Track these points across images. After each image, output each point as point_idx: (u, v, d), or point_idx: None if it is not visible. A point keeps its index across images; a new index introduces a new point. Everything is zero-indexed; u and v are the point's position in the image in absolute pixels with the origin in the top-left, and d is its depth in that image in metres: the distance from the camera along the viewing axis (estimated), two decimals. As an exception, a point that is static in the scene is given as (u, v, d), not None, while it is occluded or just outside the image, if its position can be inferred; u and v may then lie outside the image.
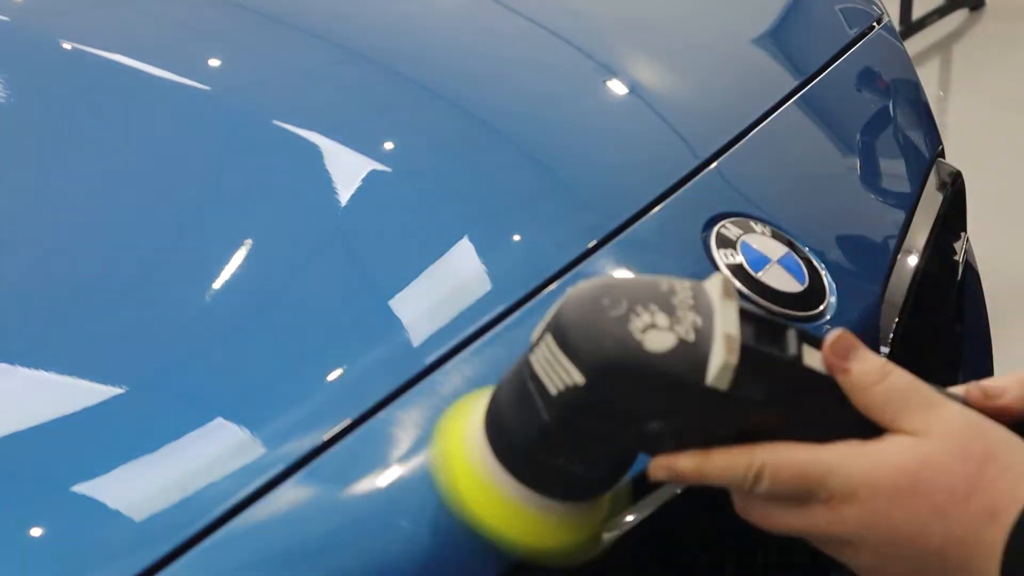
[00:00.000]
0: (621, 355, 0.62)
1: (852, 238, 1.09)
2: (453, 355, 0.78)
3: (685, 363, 0.62)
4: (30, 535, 0.65)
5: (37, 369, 0.75)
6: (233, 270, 0.83)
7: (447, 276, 0.85)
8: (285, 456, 0.70)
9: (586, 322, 0.63)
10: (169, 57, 1.07)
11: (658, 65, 1.17)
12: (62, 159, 0.95)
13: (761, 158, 1.06)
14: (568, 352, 0.62)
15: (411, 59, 1.10)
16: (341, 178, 0.92)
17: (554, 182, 0.98)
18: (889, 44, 1.36)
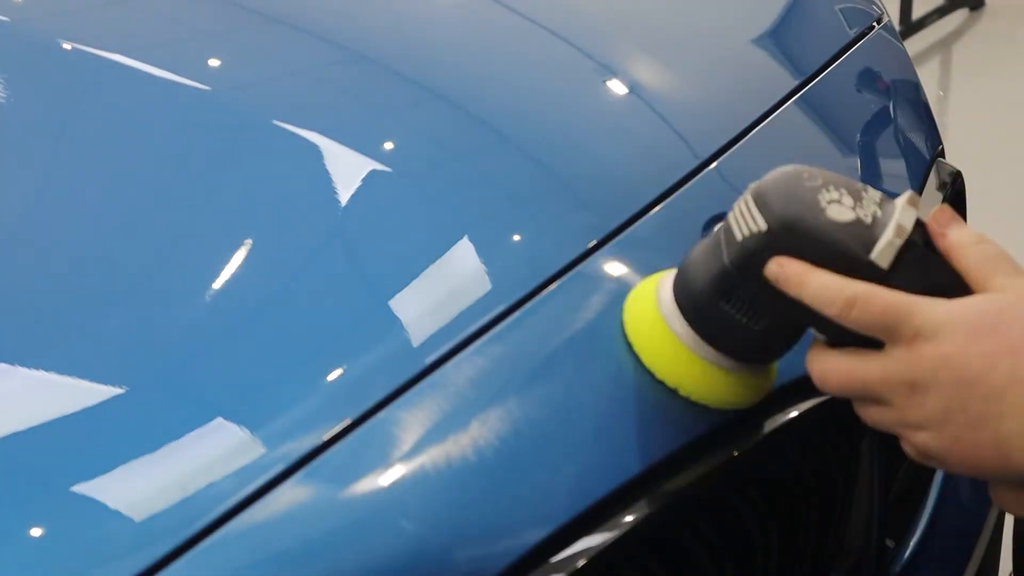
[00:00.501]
0: (803, 213, 0.71)
1: (852, 238, 1.08)
2: (453, 355, 0.78)
3: (857, 237, 0.70)
4: (30, 535, 0.65)
5: (37, 369, 0.75)
6: (233, 270, 0.83)
7: (447, 276, 0.85)
8: (285, 456, 0.70)
9: (782, 185, 0.72)
10: (169, 57, 1.07)
11: (658, 65, 1.17)
12: (62, 159, 0.95)
13: (761, 158, 1.06)
14: (760, 204, 0.72)
15: (411, 59, 1.10)
16: (341, 178, 0.92)
17: (554, 182, 0.98)
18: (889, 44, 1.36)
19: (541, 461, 0.76)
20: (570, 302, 0.85)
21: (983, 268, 0.70)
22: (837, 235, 0.70)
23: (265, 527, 0.67)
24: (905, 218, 0.71)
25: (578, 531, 0.75)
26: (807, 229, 0.71)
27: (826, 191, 0.71)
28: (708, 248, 0.75)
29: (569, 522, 0.75)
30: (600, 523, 0.76)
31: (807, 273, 0.71)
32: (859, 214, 0.71)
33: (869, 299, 0.69)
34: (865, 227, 0.70)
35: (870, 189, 0.73)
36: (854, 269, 0.70)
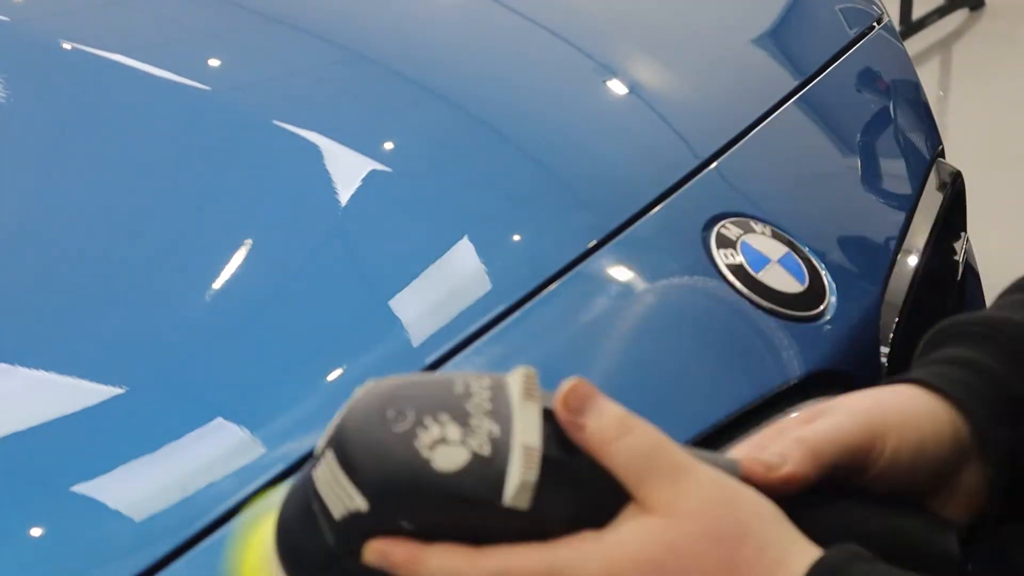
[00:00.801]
0: (406, 478, 0.55)
1: (852, 238, 1.09)
2: (453, 355, 0.78)
3: (480, 482, 0.55)
4: (30, 535, 0.65)
5: (37, 369, 0.75)
6: (233, 270, 0.83)
7: (447, 276, 0.85)
8: (285, 456, 0.70)
9: (368, 440, 0.56)
10: (169, 57, 1.07)
11: (658, 65, 1.17)
12: (62, 159, 0.95)
13: (761, 158, 1.06)
14: (349, 473, 0.56)
15: (411, 59, 1.10)
16: (341, 178, 0.92)
17: (554, 182, 0.98)
18: (889, 44, 1.36)
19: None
20: (570, 302, 0.85)
21: (632, 471, 0.56)
22: (456, 490, 0.55)
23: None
24: (529, 432, 0.56)
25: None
26: (416, 496, 0.55)
27: (422, 430, 0.55)
28: (304, 513, 0.58)
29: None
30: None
31: (419, 557, 0.55)
32: (472, 447, 0.55)
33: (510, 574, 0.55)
34: (486, 462, 0.55)
35: (474, 385, 0.57)
36: (490, 518, 0.56)
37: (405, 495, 0.55)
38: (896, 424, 0.62)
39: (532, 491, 0.55)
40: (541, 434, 0.56)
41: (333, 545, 0.57)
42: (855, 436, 0.61)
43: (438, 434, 0.55)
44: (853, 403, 0.63)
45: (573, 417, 0.56)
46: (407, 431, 0.55)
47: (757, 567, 0.54)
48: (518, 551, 0.55)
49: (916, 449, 0.61)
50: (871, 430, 0.61)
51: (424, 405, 0.56)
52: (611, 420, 0.56)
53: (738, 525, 0.55)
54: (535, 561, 0.55)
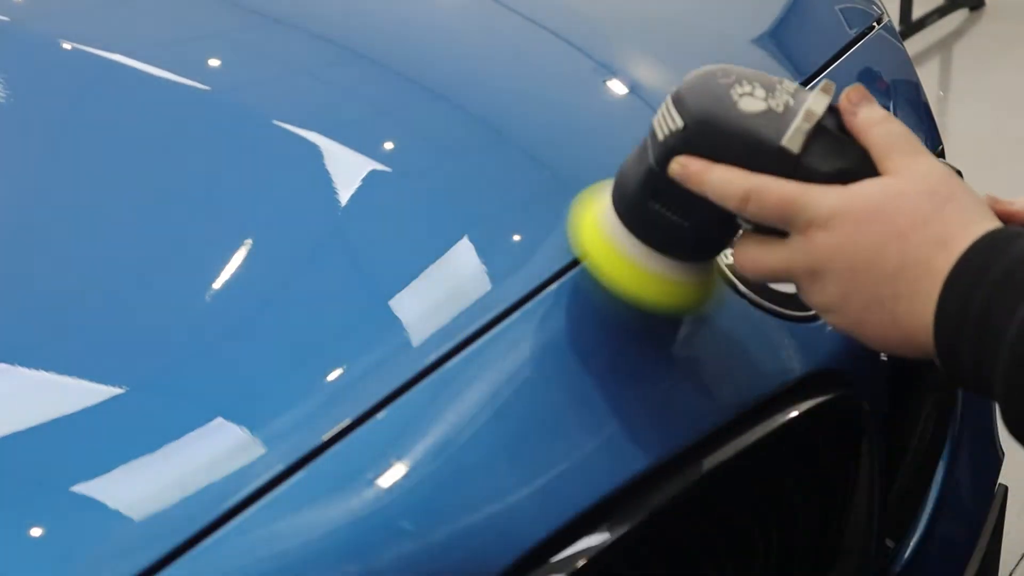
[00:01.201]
0: (715, 108, 0.74)
1: (852, 238, 1.08)
2: (453, 355, 0.78)
3: (768, 125, 0.73)
4: (30, 535, 0.65)
5: (37, 369, 0.75)
6: (233, 270, 0.83)
7: (447, 276, 0.85)
8: (285, 456, 0.70)
9: (697, 85, 0.75)
10: (169, 57, 1.07)
11: (658, 65, 1.17)
12: (62, 159, 0.95)
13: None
14: (677, 104, 0.75)
15: (411, 59, 1.10)
16: (341, 178, 0.92)
17: (554, 182, 0.98)
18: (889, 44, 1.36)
19: (541, 461, 0.76)
20: (570, 302, 0.85)
21: (884, 146, 0.72)
22: (748, 125, 0.73)
23: (265, 527, 0.67)
24: (816, 104, 0.73)
25: (578, 531, 0.75)
26: (720, 122, 0.74)
27: (739, 86, 0.75)
28: (638, 153, 0.79)
29: (569, 522, 0.75)
30: (600, 523, 0.76)
31: (707, 170, 0.73)
32: (770, 104, 0.74)
33: (762, 192, 0.72)
34: (776, 116, 0.73)
35: (786, 82, 0.76)
36: (767, 156, 0.73)
37: (711, 119, 0.74)
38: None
39: (804, 137, 0.72)
40: (824, 108, 0.73)
41: (653, 163, 0.76)
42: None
43: (748, 90, 0.75)
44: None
45: (851, 106, 0.74)
46: (727, 83, 0.75)
47: (954, 220, 0.68)
48: (779, 180, 0.72)
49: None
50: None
51: (745, 76, 0.76)
52: (880, 112, 0.74)
53: (950, 190, 0.70)
54: (789, 189, 0.71)
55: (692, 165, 0.74)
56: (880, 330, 0.71)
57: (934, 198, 0.69)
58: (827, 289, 0.71)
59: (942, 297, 0.67)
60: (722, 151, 0.74)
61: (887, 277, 0.69)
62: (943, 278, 0.67)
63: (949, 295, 0.66)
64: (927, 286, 0.67)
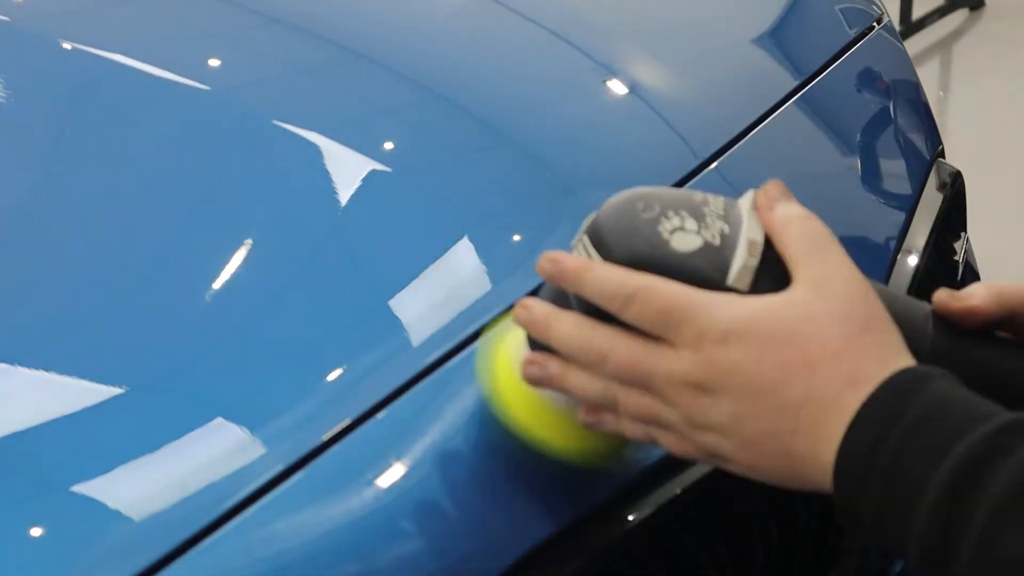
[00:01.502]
0: (648, 252, 0.66)
1: (852, 238, 1.09)
2: (453, 355, 0.78)
3: (708, 264, 0.65)
4: (30, 535, 0.65)
5: (37, 369, 0.75)
6: (233, 270, 0.83)
7: (447, 276, 0.85)
8: (285, 456, 0.70)
9: (618, 222, 0.67)
10: (169, 57, 1.07)
11: (658, 65, 1.17)
12: (62, 159, 0.95)
13: (761, 158, 1.07)
14: (600, 249, 0.67)
15: (411, 59, 1.10)
16: (341, 178, 0.92)
17: (554, 182, 0.98)
18: (889, 44, 1.37)
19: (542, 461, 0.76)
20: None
21: (800, 249, 0.65)
22: (687, 266, 0.65)
23: (265, 527, 0.67)
24: (754, 230, 0.66)
25: (578, 531, 0.75)
26: (654, 267, 0.66)
27: (665, 219, 0.66)
28: (554, 294, 0.70)
29: (569, 522, 0.75)
30: (600, 523, 0.76)
31: (586, 268, 0.66)
32: (705, 237, 0.66)
33: (648, 295, 0.64)
34: (715, 250, 0.66)
35: (710, 199, 0.68)
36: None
37: (646, 266, 0.65)
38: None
39: (752, 275, 0.65)
40: (763, 235, 0.66)
41: (575, 306, 0.68)
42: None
43: (678, 223, 0.66)
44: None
45: (768, 201, 0.67)
46: (653, 218, 0.67)
47: (867, 356, 0.62)
48: (668, 283, 0.65)
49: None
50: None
51: (668, 203, 0.67)
52: (797, 209, 0.67)
53: (868, 319, 0.63)
54: (680, 294, 0.64)
55: (568, 262, 0.67)
56: (771, 461, 0.64)
57: (849, 325, 0.63)
58: (717, 408, 0.64)
59: (847, 439, 0.60)
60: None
61: (789, 408, 0.62)
62: (850, 418, 0.60)
63: (855, 437, 0.60)
64: (831, 425, 0.61)
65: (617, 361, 0.66)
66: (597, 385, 0.67)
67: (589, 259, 0.67)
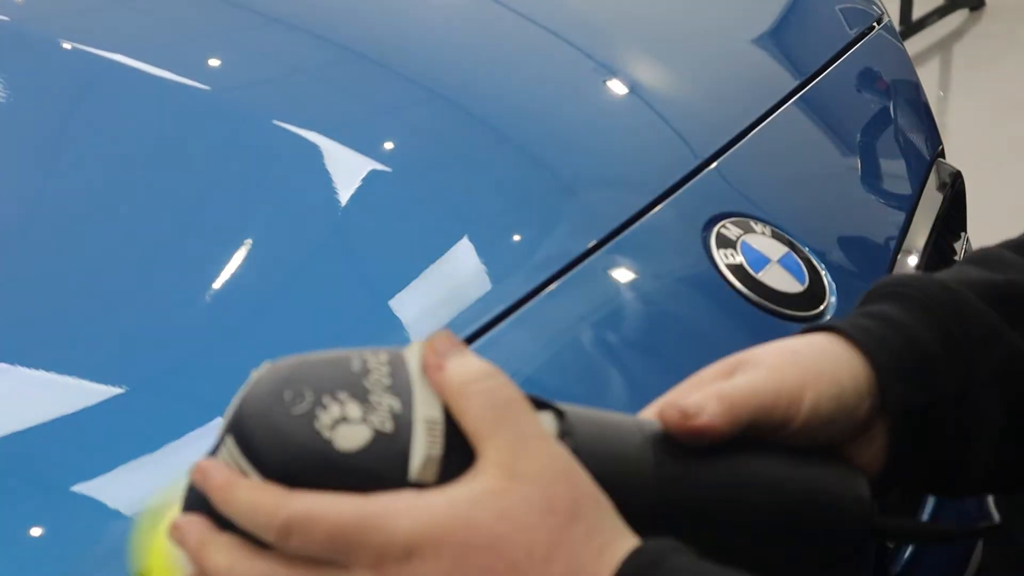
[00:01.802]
0: (308, 460, 0.53)
1: (852, 238, 1.09)
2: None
3: (384, 460, 0.54)
4: (30, 535, 0.65)
5: (37, 369, 0.75)
6: (233, 270, 0.83)
7: (447, 276, 0.85)
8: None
9: (267, 424, 0.54)
10: (169, 57, 1.07)
11: (658, 65, 1.17)
12: (62, 159, 0.95)
13: (761, 158, 1.07)
14: (251, 459, 0.55)
15: (411, 59, 1.10)
16: (341, 178, 0.92)
17: (554, 182, 0.98)
18: (889, 44, 1.37)
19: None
20: (570, 302, 0.85)
21: (486, 418, 0.54)
22: (359, 467, 0.54)
23: (265, 527, 0.67)
24: (430, 405, 0.55)
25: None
26: (319, 478, 0.53)
27: (322, 410, 0.54)
28: (205, 505, 0.56)
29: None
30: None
31: (231, 486, 0.53)
32: (374, 424, 0.54)
33: (309, 522, 0.52)
34: (389, 439, 0.54)
35: (371, 361, 0.56)
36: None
37: (309, 477, 0.53)
38: (814, 378, 0.61)
39: (438, 464, 0.54)
40: (442, 406, 0.55)
41: (242, 534, 0.55)
42: (772, 394, 0.60)
43: (338, 413, 0.54)
44: (771, 358, 0.63)
45: (437, 359, 0.55)
46: (306, 412, 0.54)
47: (583, 549, 0.53)
48: (336, 498, 0.53)
49: (835, 401, 0.61)
50: (789, 388, 0.61)
51: (322, 385, 0.55)
52: (475, 365, 0.55)
53: (574, 502, 0.54)
54: (350, 507, 0.52)
55: (215, 477, 0.54)
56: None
57: (554, 515, 0.53)
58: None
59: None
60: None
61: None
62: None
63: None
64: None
65: (304, 542, 0.53)
66: (266, 569, 0.54)
67: (238, 472, 0.54)
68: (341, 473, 0.53)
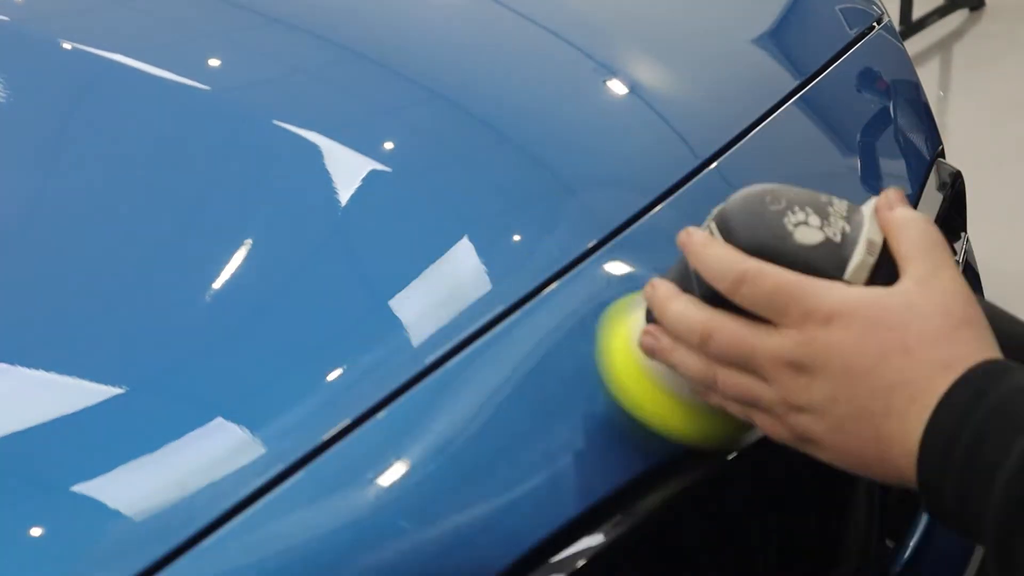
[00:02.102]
0: (770, 240, 0.69)
1: (852, 238, 1.08)
2: (453, 355, 0.78)
3: (828, 258, 0.68)
4: (30, 535, 0.65)
5: (37, 369, 0.75)
6: (233, 270, 0.83)
7: (447, 276, 0.85)
8: (285, 456, 0.70)
9: (747, 212, 0.70)
10: (169, 57, 1.07)
11: (658, 65, 1.17)
12: (62, 159, 0.95)
13: (761, 158, 1.07)
14: (727, 235, 0.70)
15: (411, 59, 1.10)
16: (341, 178, 0.92)
17: (554, 182, 0.98)
18: (889, 44, 1.37)
19: (541, 461, 0.76)
20: (570, 302, 0.85)
21: (912, 248, 0.68)
22: (807, 258, 0.68)
23: (265, 527, 0.67)
24: (874, 232, 0.69)
25: (578, 531, 0.75)
26: (776, 256, 0.69)
27: (791, 213, 0.70)
28: (680, 276, 0.74)
29: (569, 522, 0.75)
30: (600, 523, 0.76)
31: (708, 244, 0.70)
32: (827, 233, 0.69)
33: (759, 276, 0.68)
34: (836, 246, 0.69)
35: (835, 201, 0.71)
36: None
37: (767, 253, 0.68)
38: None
39: (868, 272, 0.68)
40: (882, 238, 0.69)
41: (700, 295, 0.71)
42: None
43: (803, 218, 0.69)
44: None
45: (889, 204, 0.70)
46: (779, 210, 0.70)
47: (965, 344, 0.65)
48: (777, 268, 0.68)
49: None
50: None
51: (795, 199, 0.70)
52: (914, 214, 0.69)
53: (967, 314, 0.66)
54: (788, 276, 0.67)
55: (696, 235, 0.71)
56: (856, 442, 0.66)
57: (949, 318, 0.65)
58: (813, 388, 0.67)
59: (933, 418, 0.63)
60: None
61: (883, 390, 0.65)
62: (938, 400, 0.63)
63: (941, 417, 0.62)
64: (920, 408, 0.63)
65: (720, 340, 0.69)
66: (699, 363, 0.71)
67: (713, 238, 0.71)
68: (792, 260, 0.68)
